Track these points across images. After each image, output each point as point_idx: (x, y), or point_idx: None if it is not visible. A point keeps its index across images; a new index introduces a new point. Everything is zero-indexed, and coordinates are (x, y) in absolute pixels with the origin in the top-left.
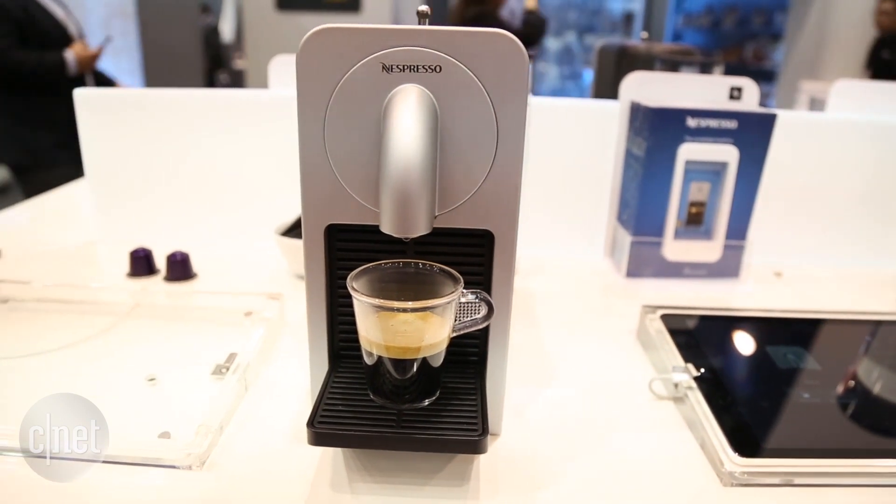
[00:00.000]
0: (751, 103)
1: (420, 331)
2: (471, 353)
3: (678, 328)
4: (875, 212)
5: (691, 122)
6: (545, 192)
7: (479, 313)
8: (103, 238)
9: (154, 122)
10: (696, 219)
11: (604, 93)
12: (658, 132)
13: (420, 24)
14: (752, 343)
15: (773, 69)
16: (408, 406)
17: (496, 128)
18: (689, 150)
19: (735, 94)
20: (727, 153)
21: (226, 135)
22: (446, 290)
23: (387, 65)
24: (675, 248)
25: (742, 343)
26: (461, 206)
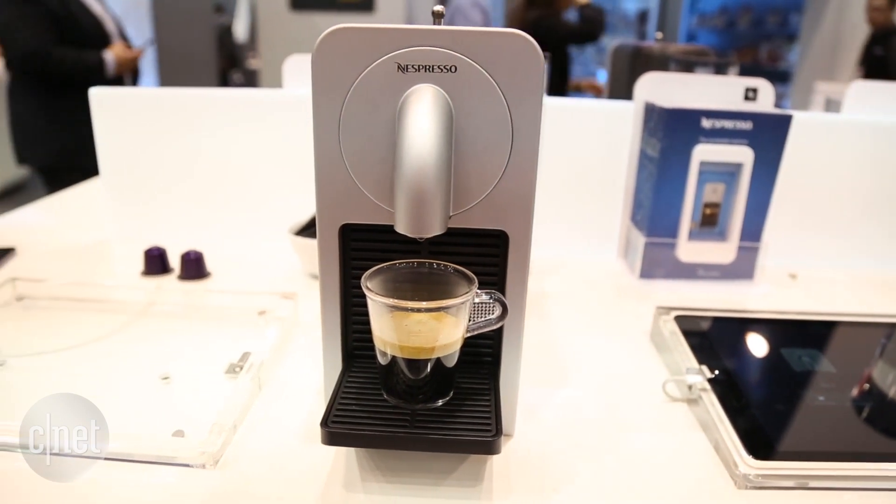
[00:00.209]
0: (766, 104)
1: (434, 331)
2: (484, 353)
3: (692, 330)
4: (892, 214)
5: (706, 123)
6: (559, 192)
7: (494, 314)
8: (118, 236)
9: (168, 122)
10: (710, 220)
11: (618, 93)
12: (673, 133)
13: (435, 24)
14: (767, 345)
15: (787, 70)
16: (421, 406)
17: (511, 128)
18: (704, 151)
19: (750, 95)
20: (742, 154)
21: (240, 134)
22: (460, 291)
23: (402, 65)
24: (689, 249)
25: (756, 345)
26: (476, 206)
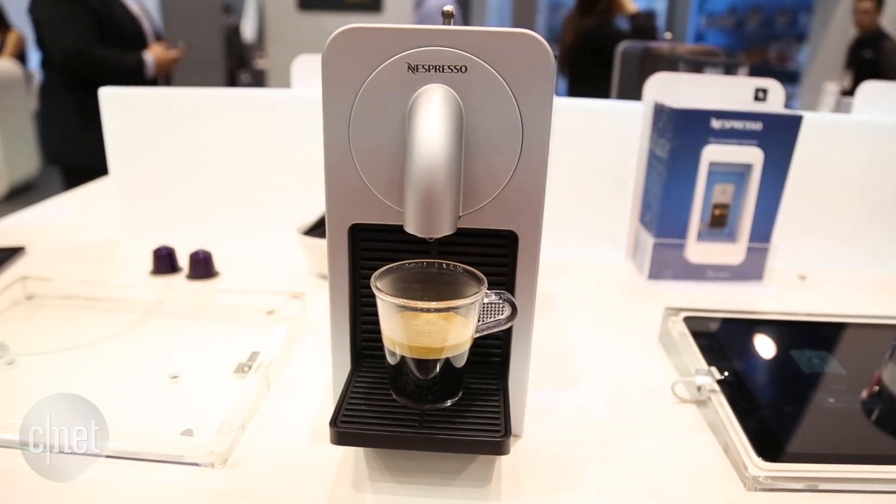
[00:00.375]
0: (776, 105)
1: (443, 331)
2: (493, 353)
3: (701, 331)
4: None
5: (716, 124)
6: (568, 193)
7: (503, 314)
8: (127, 236)
9: (178, 122)
10: (719, 221)
11: (627, 94)
12: (682, 133)
13: (445, 24)
14: (776, 347)
15: (797, 70)
16: (430, 406)
17: (521, 128)
18: (714, 152)
19: (760, 95)
20: (752, 155)
21: (249, 134)
22: (470, 291)
23: (412, 65)
24: (698, 250)
25: (766, 346)
26: (485, 206)
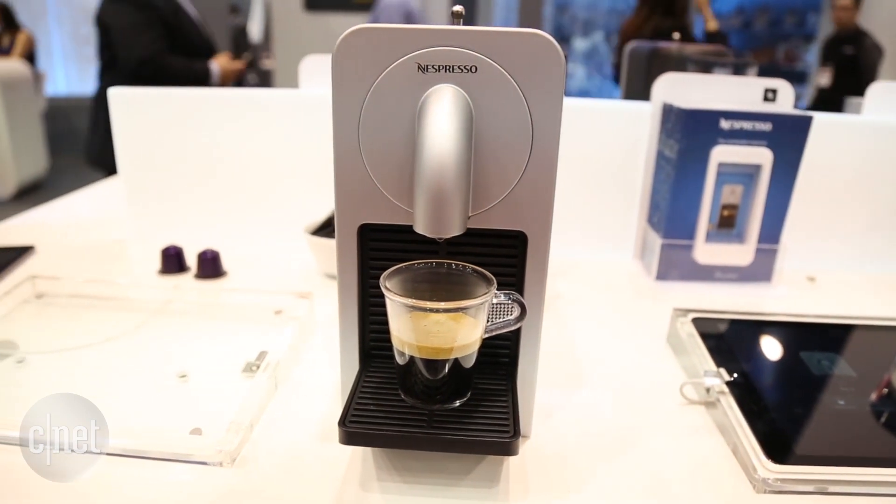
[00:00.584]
0: (785, 105)
1: (452, 331)
2: (502, 354)
3: (710, 332)
4: None
5: (724, 124)
6: (576, 193)
7: (512, 315)
8: (135, 235)
9: (186, 122)
10: (727, 222)
11: (635, 94)
12: (691, 134)
13: (454, 24)
14: (785, 348)
15: (805, 70)
16: (439, 407)
17: (531, 128)
18: (722, 153)
19: (769, 95)
20: (761, 156)
21: (257, 134)
22: (479, 291)
23: (422, 65)
24: (707, 251)
25: (775, 348)
26: (495, 206)
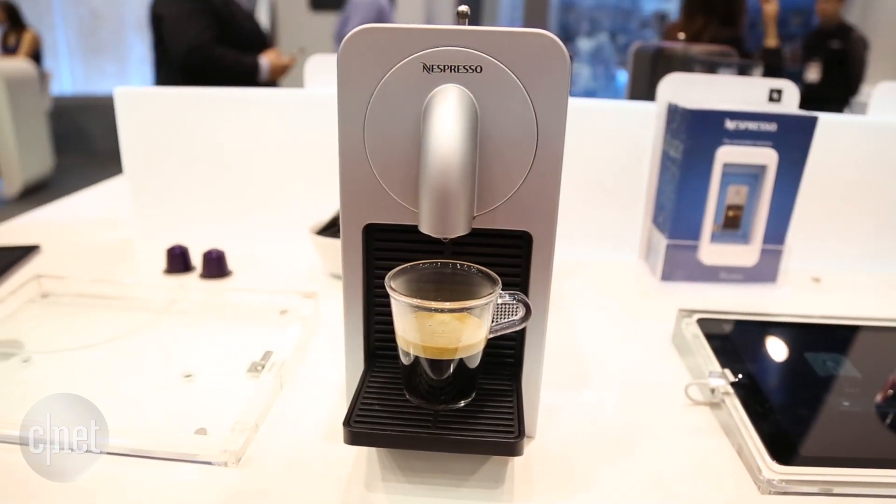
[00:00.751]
0: (791, 106)
1: (457, 331)
2: (507, 354)
3: (715, 333)
4: None
5: (730, 125)
6: (581, 193)
7: (517, 315)
8: (141, 235)
9: (191, 121)
10: (733, 222)
11: (639, 94)
12: (696, 134)
13: (460, 24)
14: (790, 349)
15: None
16: (444, 407)
17: (536, 128)
18: (728, 153)
19: (774, 96)
20: (766, 156)
21: (263, 134)
22: (484, 292)
23: (427, 65)
24: (712, 251)
25: (780, 349)
26: (500, 206)
